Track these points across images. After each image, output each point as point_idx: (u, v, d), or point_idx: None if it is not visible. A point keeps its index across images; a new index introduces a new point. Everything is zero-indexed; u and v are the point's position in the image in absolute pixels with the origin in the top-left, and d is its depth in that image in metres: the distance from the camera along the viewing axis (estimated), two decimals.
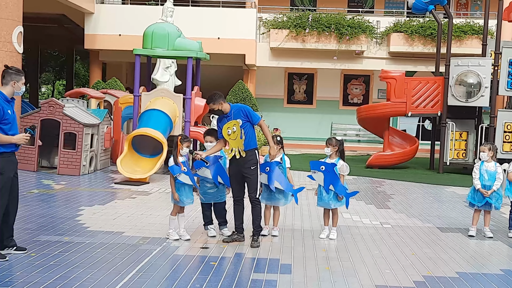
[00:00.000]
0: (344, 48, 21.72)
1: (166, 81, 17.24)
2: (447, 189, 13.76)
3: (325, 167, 7.99)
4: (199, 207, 8.70)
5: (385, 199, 11.97)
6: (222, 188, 7.98)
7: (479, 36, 20.70)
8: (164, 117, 13.09)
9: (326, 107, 24.47)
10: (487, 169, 8.59)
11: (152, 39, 13.57)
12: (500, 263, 7.29)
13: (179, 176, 7.62)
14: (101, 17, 21.07)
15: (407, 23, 21.88)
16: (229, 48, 20.91)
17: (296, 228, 8.81)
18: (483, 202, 8.58)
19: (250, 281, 6.12)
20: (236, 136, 7.46)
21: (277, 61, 22.56)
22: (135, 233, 8.03)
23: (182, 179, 7.63)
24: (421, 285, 6.21)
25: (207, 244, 7.59)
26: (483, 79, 15.98)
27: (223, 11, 21.55)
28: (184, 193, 7.69)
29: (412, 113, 17.21)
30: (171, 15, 16.79)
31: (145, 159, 12.92)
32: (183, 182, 7.66)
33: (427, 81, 17.29)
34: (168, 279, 6.08)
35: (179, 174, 7.61)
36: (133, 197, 11.02)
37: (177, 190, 7.66)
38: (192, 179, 7.69)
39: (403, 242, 8.18)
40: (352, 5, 24.85)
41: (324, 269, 6.65)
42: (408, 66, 21.91)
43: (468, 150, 16.89)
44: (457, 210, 10.86)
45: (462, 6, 25.23)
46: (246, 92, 20.03)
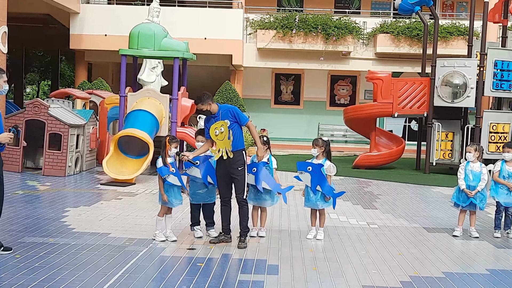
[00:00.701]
0: (331, 48, 21.75)
1: (153, 81, 17.22)
2: (434, 190, 13.81)
3: (312, 167, 7.99)
4: (186, 208, 8.68)
5: (372, 200, 11.98)
6: (213, 188, 7.95)
7: (465, 37, 20.83)
8: (150, 117, 13.03)
9: (313, 108, 24.50)
10: (472, 170, 8.62)
11: (138, 40, 13.52)
12: (486, 263, 7.32)
13: (167, 178, 7.59)
14: (86, 17, 20.96)
15: (394, 24, 21.96)
16: (216, 49, 20.88)
17: (283, 228, 8.80)
18: (467, 202, 8.62)
19: (237, 282, 6.09)
20: (223, 136, 7.43)
21: (264, 61, 22.56)
22: (121, 234, 7.98)
23: (171, 180, 7.60)
24: (408, 285, 6.21)
25: (194, 245, 7.56)
26: (468, 80, 16.05)
27: (210, 12, 21.51)
28: (173, 194, 7.66)
29: (398, 114, 17.25)
30: (158, 15, 16.76)
31: (131, 160, 12.86)
32: (172, 183, 7.62)
33: (414, 82, 17.34)
34: (154, 280, 6.05)
35: (168, 175, 7.57)
36: (119, 198, 10.96)
37: (165, 191, 7.62)
38: (180, 180, 7.66)
39: (390, 243, 8.19)
40: (338, 6, 24.90)
41: (311, 270, 6.64)
42: (395, 67, 21.98)
43: (454, 150, 16.96)
44: (444, 210, 10.90)
45: (448, 7, 25.36)
46: (233, 93, 20.01)
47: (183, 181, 7.75)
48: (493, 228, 8.98)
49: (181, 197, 7.78)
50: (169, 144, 7.67)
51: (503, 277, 6.65)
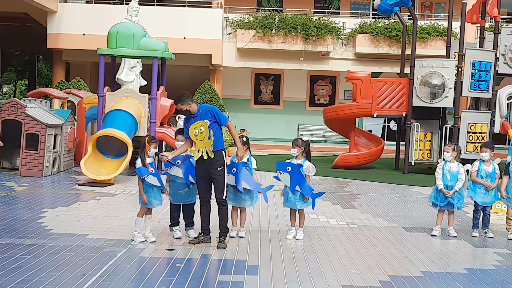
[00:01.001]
0: (310, 49, 21.79)
1: (131, 81, 17.13)
2: (412, 189, 13.89)
3: (291, 167, 7.98)
4: (165, 208, 8.63)
5: (351, 199, 12.02)
6: (193, 188, 7.91)
7: (443, 38, 20.99)
8: (129, 117, 12.95)
9: (293, 108, 24.52)
10: (450, 170, 8.68)
11: (117, 39, 13.43)
12: (464, 262, 7.37)
13: (146, 178, 7.53)
14: (64, 16, 20.76)
15: (373, 24, 22.06)
16: (195, 48, 20.81)
17: (263, 229, 8.78)
18: (445, 202, 8.68)
19: (216, 282, 6.06)
20: (203, 136, 7.39)
21: (244, 61, 22.54)
22: (100, 235, 7.91)
23: (150, 180, 7.55)
24: (387, 284, 6.23)
25: (173, 246, 7.51)
26: (447, 80, 16.18)
27: (189, 11, 21.43)
28: (152, 194, 7.61)
29: (377, 114, 17.33)
30: (136, 15, 16.65)
31: (109, 160, 12.78)
32: (151, 184, 7.57)
33: (392, 82, 17.44)
34: (133, 281, 6.00)
35: (147, 175, 7.52)
36: (97, 198, 10.87)
37: (145, 192, 7.57)
38: (160, 181, 7.61)
39: (369, 242, 8.21)
40: (318, 6, 24.94)
41: (291, 270, 6.63)
42: (374, 67, 22.08)
43: (433, 150, 17.09)
44: (422, 210, 10.96)
45: (427, 8, 25.53)
46: (213, 93, 19.94)
47: (162, 181, 7.70)
48: (471, 228, 9.04)
49: (161, 198, 7.74)
50: (149, 144, 7.62)
51: (481, 276, 6.70)
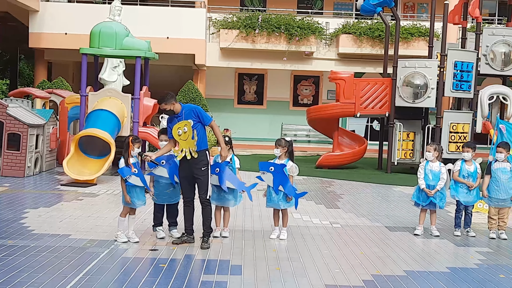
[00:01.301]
0: (293, 49, 21.80)
1: (114, 80, 17.05)
2: (395, 189, 13.96)
3: (274, 168, 7.98)
4: (148, 208, 8.61)
5: (335, 199, 12.05)
6: (178, 188, 7.89)
7: (426, 38, 21.09)
8: (111, 117, 12.90)
9: (276, 108, 24.53)
10: (432, 169, 8.73)
11: (99, 38, 13.37)
12: (446, 261, 7.42)
13: (129, 178, 7.50)
14: (46, 15, 20.58)
15: (356, 24, 22.12)
16: (179, 48, 20.73)
17: (247, 229, 8.78)
18: (427, 201, 8.73)
19: (200, 283, 6.05)
20: (187, 136, 7.37)
21: (227, 61, 22.50)
22: (82, 236, 7.87)
23: (132, 181, 7.52)
24: (370, 284, 6.25)
25: (156, 246, 7.49)
26: (429, 80, 16.28)
27: (172, 11, 21.35)
28: (135, 194, 7.58)
29: (360, 114, 17.40)
30: (119, 14, 16.59)
31: (92, 160, 12.71)
32: (134, 184, 7.54)
33: (375, 82, 17.51)
34: (116, 282, 5.97)
35: (129, 176, 7.49)
36: (80, 199, 10.81)
37: (128, 192, 7.53)
38: (143, 181, 7.57)
39: (353, 242, 8.24)
40: (301, 6, 24.97)
41: (274, 270, 6.63)
42: (357, 67, 22.15)
43: (415, 150, 17.18)
44: (405, 209, 11.02)
45: (409, 8, 25.67)
46: (196, 93, 19.91)
47: (146, 181, 7.67)
48: (453, 227, 9.11)
49: (144, 198, 7.71)
50: (132, 144, 7.59)
51: (463, 274, 6.75)
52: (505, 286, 6.38)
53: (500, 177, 8.71)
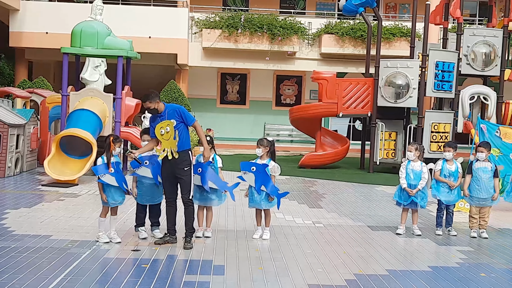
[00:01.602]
0: (276, 49, 21.82)
1: (96, 80, 16.95)
2: (377, 188, 14.02)
3: (256, 167, 7.97)
4: (130, 208, 8.56)
5: (317, 199, 12.08)
6: (161, 188, 7.85)
7: (407, 39, 21.22)
8: (93, 117, 12.82)
9: (259, 108, 24.54)
10: (413, 169, 8.78)
11: (80, 38, 13.29)
12: (428, 260, 7.46)
13: (102, 177, 7.44)
14: (27, 14, 20.42)
15: (338, 24, 22.18)
16: (161, 48, 20.67)
17: (230, 229, 8.76)
18: (408, 200, 8.77)
19: (182, 283, 6.03)
20: (169, 136, 7.35)
21: (210, 61, 22.47)
22: (64, 236, 7.80)
23: (106, 179, 7.45)
24: (353, 283, 6.27)
25: (139, 247, 7.44)
26: (411, 80, 16.37)
27: (154, 10, 21.28)
28: (110, 194, 7.53)
29: (343, 114, 17.45)
30: (101, 13, 16.49)
31: (73, 160, 12.62)
32: (107, 183, 7.48)
33: (358, 82, 17.58)
34: (98, 282, 5.92)
35: (103, 174, 7.43)
36: (61, 199, 10.73)
37: (104, 191, 7.49)
38: (119, 181, 7.50)
39: (335, 241, 8.25)
40: (284, 6, 25.01)
41: (257, 270, 6.62)
42: (339, 68, 22.22)
43: (397, 150, 17.27)
44: (387, 209, 11.07)
45: (391, 9, 25.81)
46: (178, 92, 19.86)
47: (125, 182, 7.59)
48: (435, 226, 9.16)
49: (119, 198, 7.60)
50: (113, 144, 7.55)
51: (444, 273, 6.79)
52: (486, 284, 6.43)
53: (481, 177, 8.77)
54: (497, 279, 6.64)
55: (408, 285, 6.29)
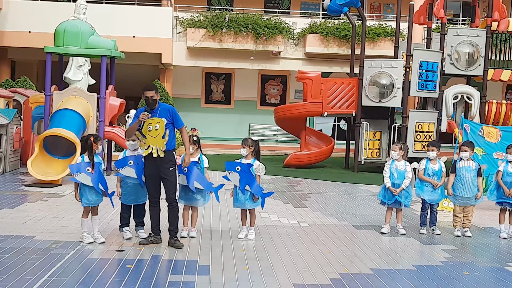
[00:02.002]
0: (261, 48, 21.83)
1: (79, 80, 16.87)
2: (362, 188, 14.07)
3: (241, 167, 7.96)
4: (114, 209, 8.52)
5: (302, 198, 12.09)
6: (145, 188, 7.81)
7: (392, 38, 21.33)
8: (77, 117, 12.74)
9: (244, 107, 24.54)
10: (397, 168, 8.81)
11: (64, 37, 13.21)
12: (412, 259, 7.49)
13: (76, 176, 7.39)
14: (9, 13, 20.25)
15: (323, 24, 22.23)
16: (145, 47, 20.59)
17: (214, 228, 8.74)
18: (393, 200, 8.81)
19: (167, 283, 6.00)
20: (157, 134, 7.32)
21: (194, 60, 22.43)
22: (47, 237, 7.74)
23: (80, 178, 7.41)
24: (337, 282, 6.28)
25: (123, 247, 7.40)
26: (395, 80, 16.44)
27: (138, 9, 21.20)
28: (85, 193, 7.49)
29: (328, 113, 17.49)
30: (84, 12, 16.40)
31: (57, 161, 12.54)
32: (81, 182, 7.43)
33: (342, 82, 17.62)
34: (82, 283, 5.88)
35: (78, 173, 7.38)
36: (44, 199, 10.65)
37: (80, 190, 7.46)
38: (95, 182, 7.43)
39: (320, 241, 8.26)
40: (268, 6, 25.01)
41: (242, 269, 6.62)
42: (324, 67, 22.26)
43: (382, 149, 17.33)
44: (372, 208, 11.10)
45: (375, 9, 25.90)
46: (163, 92, 19.80)
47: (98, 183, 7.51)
48: (419, 225, 9.20)
49: (93, 198, 7.51)
50: (95, 143, 7.52)
51: (428, 272, 6.82)
52: (469, 283, 6.47)
53: (465, 176, 8.82)
54: (481, 278, 6.68)
55: (393, 284, 6.31)
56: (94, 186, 7.46)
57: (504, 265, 7.29)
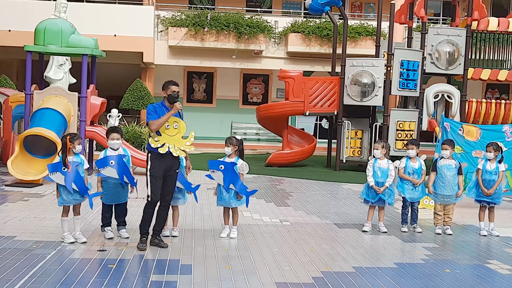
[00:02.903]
0: (243, 47, 21.83)
1: (60, 79, 16.76)
2: (344, 186, 14.12)
3: (224, 166, 7.96)
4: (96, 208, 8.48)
5: (285, 197, 12.10)
6: (126, 188, 7.78)
7: (373, 38, 21.43)
8: (58, 116, 12.65)
9: (226, 106, 24.52)
10: (380, 167, 8.86)
11: (44, 35, 13.11)
12: (394, 256, 7.53)
13: (51, 175, 7.35)
14: None
15: (304, 23, 22.28)
16: (126, 46, 20.51)
17: (196, 228, 8.73)
18: (376, 198, 8.85)
19: (149, 283, 5.98)
20: (175, 133, 7.26)
21: (176, 59, 22.37)
22: (28, 237, 7.68)
23: (55, 178, 7.36)
24: (320, 280, 6.30)
25: (105, 247, 7.37)
26: (376, 79, 16.51)
27: (120, 8, 21.11)
28: (60, 192, 7.44)
29: (309, 112, 17.52)
30: (65, 11, 16.30)
31: (38, 160, 12.43)
32: (56, 181, 7.39)
33: (324, 81, 17.67)
34: (63, 283, 5.84)
35: (53, 173, 7.33)
36: (25, 199, 10.56)
37: (58, 189, 7.42)
38: (67, 181, 7.36)
39: (302, 239, 8.28)
40: (250, 5, 25.02)
41: (224, 268, 6.61)
42: (306, 66, 22.33)
43: (363, 148, 17.42)
44: (354, 207, 11.15)
45: (357, 8, 26.01)
46: (145, 91, 19.74)
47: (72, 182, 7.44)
48: (400, 223, 9.26)
49: (69, 198, 7.45)
50: (72, 142, 7.44)
51: (410, 270, 6.87)
52: (450, 280, 6.52)
53: (446, 174, 8.89)
54: (461, 275, 6.74)
55: (374, 281, 6.35)
56: (67, 186, 7.39)
57: (484, 262, 7.36)
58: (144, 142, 17.73)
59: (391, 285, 6.24)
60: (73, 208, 7.55)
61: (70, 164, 7.41)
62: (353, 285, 6.20)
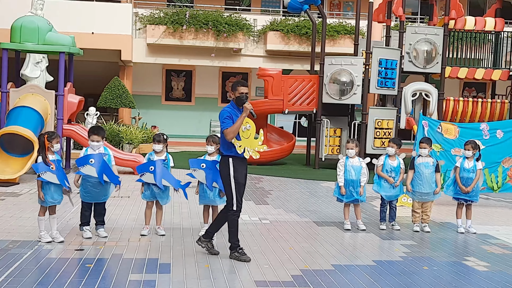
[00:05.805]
0: (222, 45, 21.79)
1: (37, 77, 16.60)
2: (323, 184, 14.16)
3: (206, 164, 7.92)
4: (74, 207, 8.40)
5: (264, 195, 12.11)
6: (106, 186, 7.72)
7: (351, 36, 21.52)
8: (34, 114, 12.53)
9: (204, 104, 24.45)
10: (353, 165, 8.89)
11: (20, 33, 12.98)
12: (372, 254, 7.57)
13: (43, 174, 7.26)
14: None
15: (283, 22, 22.30)
16: (104, 44, 20.35)
17: (175, 226, 8.69)
18: (350, 196, 8.89)
19: (128, 282, 5.94)
20: (248, 134, 7.01)
21: (154, 57, 22.25)
22: (4, 237, 7.59)
23: (46, 177, 7.27)
24: (299, 278, 6.30)
25: (83, 246, 7.30)
26: (355, 77, 16.59)
27: (97, 5, 20.94)
28: (49, 192, 7.35)
29: (289, 110, 17.55)
30: (41, 8, 16.13)
31: (14, 159, 12.30)
32: (48, 181, 7.30)
33: (303, 79, 17.71)
34: (40, 283, 5.78)
35: (44, 172, 7.25)
36: (1, 198, 10.45)
37: (42, 189, 7.31)
38: (61, 179, 7.33)
39: (281, 237, 8.29)
40: (229, 3, 24.98)
41: (203, 267, 6.59)
42: (285, 64, 22.34)
43: (342, 146, 17.47)
44: (332, 205, 11.18)
45: (335, 6, 26.10)
46: (123, 89, 19.61)
47: (64, 180, 7.41)
48: (378, 221, 9.31)
49: (58, 197, 7.41)
50: (49, 141, 7.37)
51: (388, 267, 6.90)
52: (428, 277, 6.57)
53: (423, 172, 8.95)
54: (439, 272, 6.79)
55: (353, 279, 6.37)
56: (61, 183, 7.34)
57: (461, 259, 7.42)
58: (122, 141, 17.63)
59: (369, 283, 6.26)
60: (49, 207, 7.46)
61: (52, 162, 7.33)
62: (332, 282, 6.21)
